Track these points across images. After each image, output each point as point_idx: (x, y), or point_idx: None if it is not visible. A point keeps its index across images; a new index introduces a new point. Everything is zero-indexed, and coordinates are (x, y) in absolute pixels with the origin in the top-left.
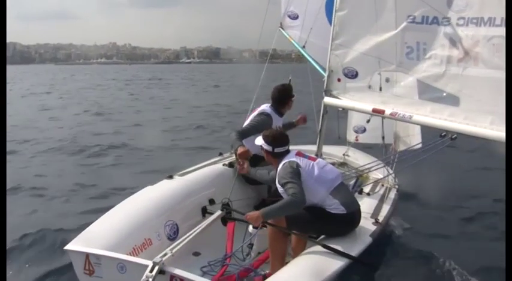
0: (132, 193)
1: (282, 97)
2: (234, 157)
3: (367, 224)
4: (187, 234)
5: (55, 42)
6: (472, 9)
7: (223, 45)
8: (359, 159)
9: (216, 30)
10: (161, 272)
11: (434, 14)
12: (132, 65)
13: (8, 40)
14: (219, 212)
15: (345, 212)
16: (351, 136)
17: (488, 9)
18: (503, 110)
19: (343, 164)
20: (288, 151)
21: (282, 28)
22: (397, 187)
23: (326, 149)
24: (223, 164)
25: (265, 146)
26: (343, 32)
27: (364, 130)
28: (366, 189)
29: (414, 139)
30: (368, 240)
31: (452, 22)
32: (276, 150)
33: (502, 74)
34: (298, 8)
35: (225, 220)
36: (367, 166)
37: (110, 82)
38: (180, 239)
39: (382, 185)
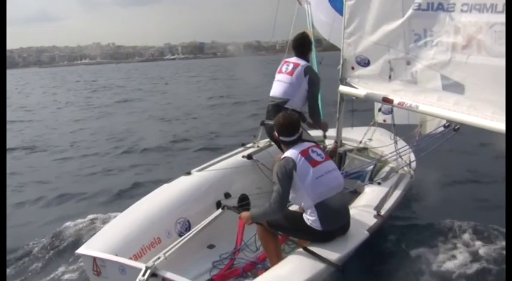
0: None
1: (303, 44)
2: (255, 147)
3: (368, 216)
4: (185, 236)
5: (38, 46)
6: None
7: (207, 39)
8: (382, 142)
9: (199, 25)
10: (154, 275)
11: (439, 0)
12: (118, 64)
13: None
14: (219, 211)
15: (319, 229)
16: (379, 117)
17: None
18: (504, 100)
19: (363, 150)
20: (297, 141)
21: (300, 3)
22: (412, 173)
23: (352, 131)
24: (243, 156)
25: (275, 131)
26: (353, 20)
27: (391, 111)
28: (379, 177)
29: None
30: (364, 234)
31: (457, 8)
32: (281, 138)
33: (502, 62)
34: None
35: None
36: (385, 153)
37: None
38: (175, 243)
39: (397, 172)
